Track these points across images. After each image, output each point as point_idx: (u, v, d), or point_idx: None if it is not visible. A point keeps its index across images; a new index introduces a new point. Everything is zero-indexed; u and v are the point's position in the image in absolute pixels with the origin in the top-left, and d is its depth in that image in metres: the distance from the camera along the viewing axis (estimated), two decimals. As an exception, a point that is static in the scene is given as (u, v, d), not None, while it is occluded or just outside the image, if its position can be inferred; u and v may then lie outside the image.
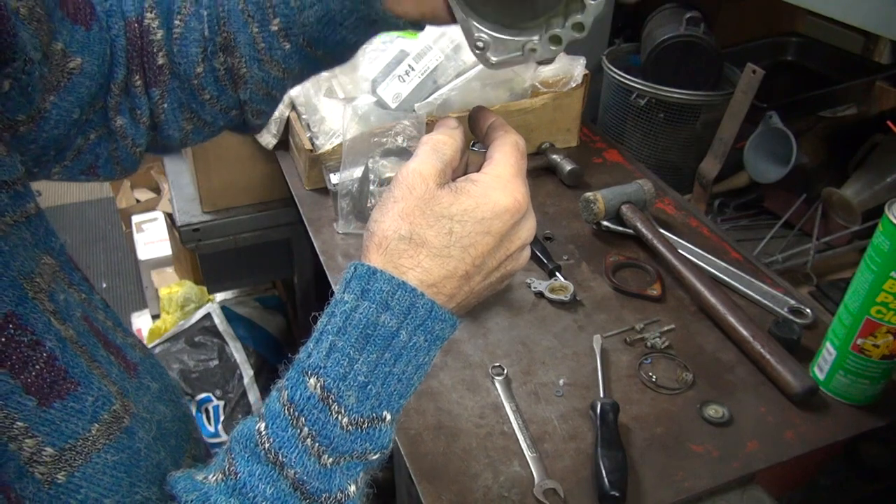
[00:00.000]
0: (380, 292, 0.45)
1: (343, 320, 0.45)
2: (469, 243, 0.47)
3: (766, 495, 0.77)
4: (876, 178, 1.25)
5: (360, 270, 0.46)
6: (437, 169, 0.49)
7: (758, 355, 0.88)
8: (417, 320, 0.46)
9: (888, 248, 0.74)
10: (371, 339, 0.44)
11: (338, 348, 0.44)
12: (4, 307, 0.39)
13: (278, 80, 0.60)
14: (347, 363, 0.44)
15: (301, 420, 0.43)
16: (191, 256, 2.04)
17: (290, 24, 0.56)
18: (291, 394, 0.44)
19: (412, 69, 1.27)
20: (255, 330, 1.88)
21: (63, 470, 0.40)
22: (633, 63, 1.54)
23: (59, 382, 0.41)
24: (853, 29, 1.29)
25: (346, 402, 0.43)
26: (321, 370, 0.44)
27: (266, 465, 0.43)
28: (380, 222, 0.48)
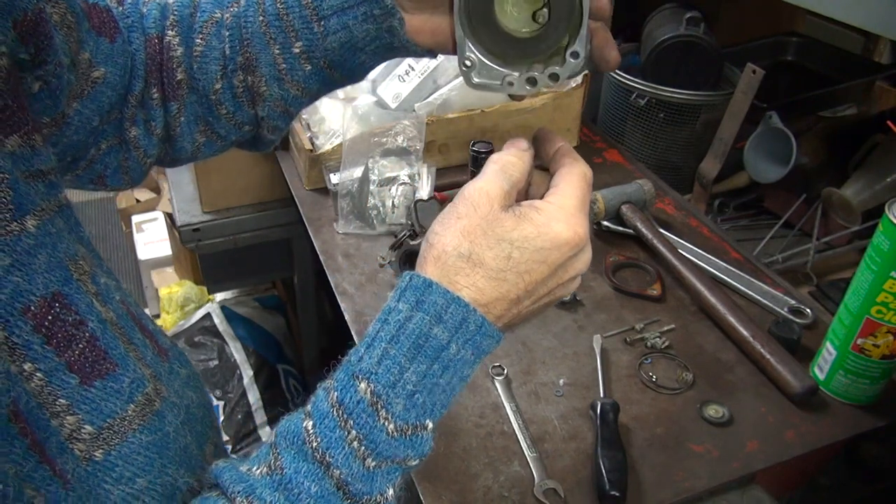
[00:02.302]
0: (434, 305, 0.46)
1: (396, 329, 0.46)
2: (525, 270, 0.48)
3: (766, 495, 0.77)
4: (876, 178, 1.25)
5: (416, 281, 0.47)
6: (503, 190, 0.49)
7: (758, 355, 0.88)
8: (467, 335, 0.47)
9: (888, 248, 0.74)
10: (422, 350, 0.46)
11: (390, 356, 0.45)
12: (52, 286, 0.41)
13: (296, 99, 0.62)
14: (398, 371, 0.45)
15: (349, 423, 0.44)
16: (191, 256, 2.04)
17: (312, 48, 0.58)
18: (341, 396, 0.45)
19: (412, 69, 1.27)
20: (254, 330, 1.88)
21: (101, 448, 0.41)
22: (633, 63, 1.54)
23: (100, 362, 0.42)
24: (853, 29, 1.29)
25: (394, 408, 0.44)
26: (372, 376, 0.45)
27: (312, 464, 0.43)
28: (441, 236, 0.49)
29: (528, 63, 0.53)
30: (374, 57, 0.60)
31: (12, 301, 0.39)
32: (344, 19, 0.57)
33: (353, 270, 1.07)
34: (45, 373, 0.39)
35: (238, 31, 0.59)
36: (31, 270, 0.40)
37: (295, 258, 1.64)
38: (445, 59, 1.27)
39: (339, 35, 0.57)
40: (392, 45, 0.58)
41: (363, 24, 0.57)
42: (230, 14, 0.60)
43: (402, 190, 1.15)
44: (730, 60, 1.44)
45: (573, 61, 0.51)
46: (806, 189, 1.33)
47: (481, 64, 0.53)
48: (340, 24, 0.57)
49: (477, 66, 0.53)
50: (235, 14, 0.60)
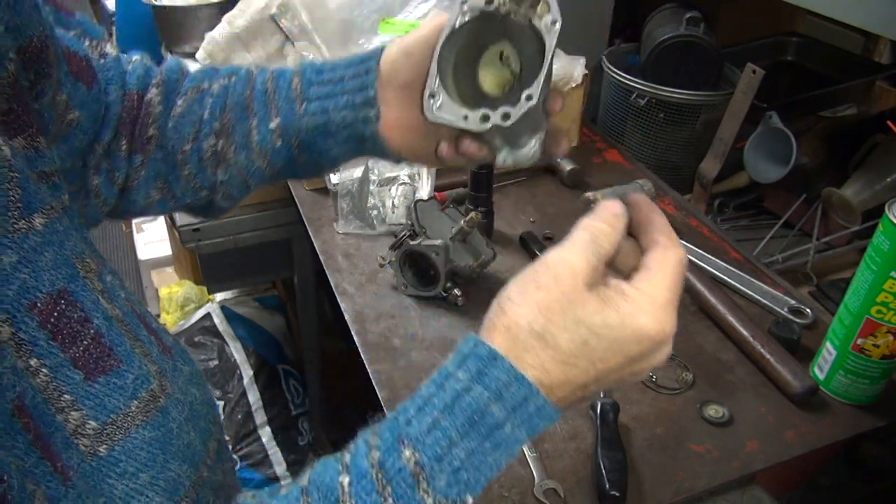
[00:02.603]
0: (496, 381, 0.44)
1: (452, 399, 0.44)
2: (599, 358, 0.45)
3: (766, 495, 0.77)
4: (876, 178, 1.25)
5: (481, 350, 0.45)
6: (590, 265, 0.45)
7: (758, 355, 0.88)
8: (525, 416, 0.44)
9: (888, 248, 0.74)
10: (476, 426, 0.44)
11: (441, 427, 0.44)
12: (58, 283, 0.41)
13: (259, 171, 0.65)
14: (447, 445, 0.43)
15: (388, 490, 0.43)
16: (191, 256, 2.04)
17: (288, 126, 0.62)
18: (383, 458, 0.43)
19: (412, 69, 1.27)
20: (254, 330, 1.88)
21: (104, 443, 0.41)
22: (633, 63, 1.54)
23: (104, 359, 0.43)
24: (853, 29, 1.29)
25: (436, 483, 0.43)
26: (419, 444, 0.43)
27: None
28: (516, 305, 0.46)
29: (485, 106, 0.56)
30: (343, 146, 0.63)
31: (19, 297, 0.39)
32: (326, 104, 0.61)
33: (353, 270, 1.07)
34: (50, 368, 0.40)
35: (222, 100, 0.63)
36: (37, 267, 0.41)
37: (295, 258, 1.64)
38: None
39: (317, 118, 0.61)
40: (364, 136, 0.62)
41: (342, 110, 0.61)
42: (219, 85, 0.64)
43: (402, 190, 1.15)
44: (730, 60, 1.44)
45: (526, 103, 0.53)
46: (806, 189, 1.33)
47: (445, 98, 0.56)
48: (321, 108, 0.61)
49: (440, 98, 0.56)
50: (224, 85, 0.64)
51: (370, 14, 1.33)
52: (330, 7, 1.33)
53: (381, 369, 0.90)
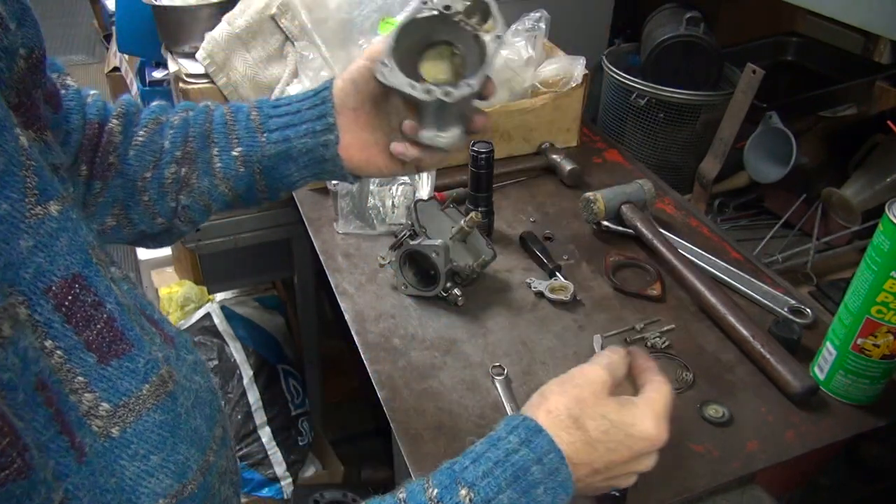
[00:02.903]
0: (539, 447, 0.54)
1: (504, 455, 0.53)
2: (613, 447, 0.56)
3: (766, 495, 0.77)
4: (876, 178, 1.25)
5: (530, 423, 0.55)
6: (612, 379, 0.60)
7: (758, 355, 0.88)
8: (555, 483, 0.54)
9: (888, 248, 0.74)
10: (519, 480, 0.52)
11: (494, 475, 0.52)
12: (73, 268, 0.43)
13: (222, 196, 0.71)
14: (497, 490, 0.51)
15: None
16: (191, 256, 2.04)
17: (251, 154, 0.68)
18: (441, 494, 0.51)
19: (412, 69, 1.27)
20: (254, 330, 1.88)
21: (117, 425, 0.43)
22: (633, 63, 1.54)
23: (117, 342, 0.44)
24: (853, 29, 1.29)
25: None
26: (474, 486, 0.51)
27: None
28: (557, 395, 0.57)
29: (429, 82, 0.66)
30: (304, 170, 0.71)
31: (35, 280, 0.40)
32: (287, 133, 0.69)
33: (353, 270, 1.07)
34: (64, 350, 0.41)
35: (183, 130, 0.69)
36: (53, 252, 0.42)
37: (295, 258, 1.64)
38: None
39: (279, 145, 0.69)
40: (324, 158, 0.70)
41: (303, 137, 0.69)
42: (179, 118, 0.70)
43: (402, 190, 1.16)
44: (730, 60, 1.44)
45: (467, 88, 0.64)
46: (806, 189, 1.33)
47: (396, 71, 0.65)
48: (282, 137, 0.69)
49: (392, 70, 0.65)
50: (184, 118, 0.70)
51: (370, 14, 1.33)
52: (330, 7, 1.33)
53: (381, 369, 0.90)
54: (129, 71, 2.02)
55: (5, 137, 0.40)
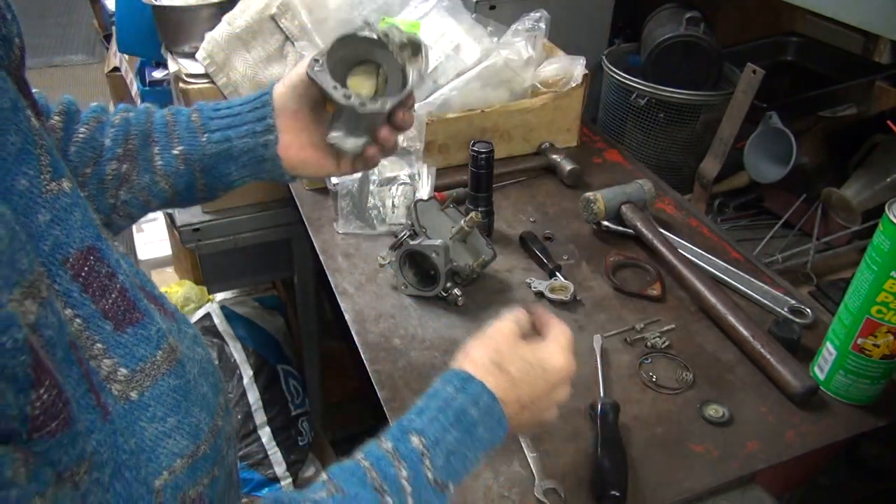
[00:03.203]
0: (473, 392, 0.60)
1: (444, 403, 0.59)
2: (533, 383, 0.63)
3: (766, 495, 0.78)
4: (876, 178, 1.25)
5: (461, 374, 0.61)
6: (519, 328, 0.67)
7: (758, 355, 0.88)
8: (491, 421, 0.60)
9: (888, 248, 0.74)
10: (461, 421, 0.58)
11: (438, 420, 0.57)
12: (87, 241, 0.45)
13: (162, 192, 0.73)
14: (443, 431, 0.57)
15: (403, 464, 0.54)
16: (191, 256, 2.04)
17: (192, 153, 0.72)
18: (395, 445, 0.55)
19: (412, 69, 1.27)
20: (254, 330, 1.88)
21: (135, 389, 0.45)
22: (633, 63, 1.54)
23: (130, 311, 0.46)
24: (853, 29, 1.29)
25: (436, 461, 0.56)
26: (423, 433, 0.56)
27: (372, 491, 0.52)
28: (477, 349, 0.64)
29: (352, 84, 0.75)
30: (243, 169, 0.75)
31: (53, 252, 0.43)
32: (228, 133, 0.73)
33: (353, 270, 1.07)
34: (83, 319, 0.43)
35: (124, 129, 0.71)
36: (68, 225, 0.44)
37: (295, 258, 1.64)
38: (446, 59, 1.27)
39: (220, 145, 0.73)
40: (263, 158, 0.75)
41: (243, 137, 0.73)
42: (119, 117, 0.72)
43: (402, 190, 1.16)
44: (730, 60, 1.44)
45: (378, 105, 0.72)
46: (806, 189, 1.33)
47: (324, 71, 0.71)
48: (223, 137, 0.73)
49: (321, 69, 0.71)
50: (125, 117, 0.72)
51: (370, 14, 1.33)
52: (330, 7, 1.33)
53: (381, 369, 0.90)
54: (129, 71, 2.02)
55: (19, 117, 0.42)
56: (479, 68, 1.26)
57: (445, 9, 1.30)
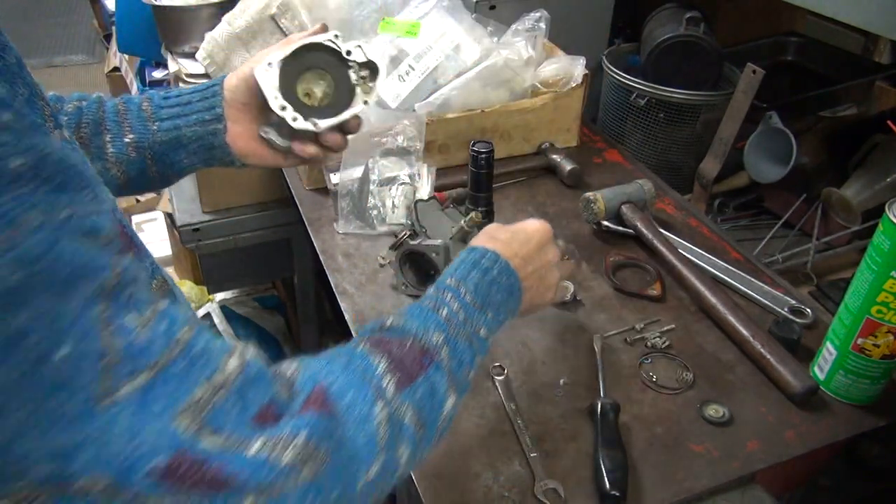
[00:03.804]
0: (485, 254, 0.69)
1: (461, 260, 0.68)
2: (523, 241, 0.73)
3: (766, 495, 0.78)
4: (876, 178, 1.25)
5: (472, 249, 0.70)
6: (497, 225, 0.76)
7: (758, 355, 0.88)
8: (505, 278, 0.69)
9: (888, 248, 0.74)
10: (477, 265, 0.67)
11: (459, 268, 0.67)
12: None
13: (114, 179, 0.76)
14: (465, 273, 0.66)
15: (446, 294, 0.64)
16: (191, 256, 2.04)
17: (142, 140, 0.75)
18: (436, 296, 0.64)
19: (412, 69, 1.27)
20: (254, 330, 1.88)
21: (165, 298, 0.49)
22: (633, 63, 1.54)
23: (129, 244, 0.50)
24: (853, 29, 1.29)
25: (469, 289, 0.65)
26: (453, 275, 0.66)
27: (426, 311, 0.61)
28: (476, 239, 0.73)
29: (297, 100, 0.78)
30: (193, 156, 0.78)
31: None
32: (177, 122, 0.76)
33: (353, 270, 1.07)
34: None
35: (77, 118, 0.74)
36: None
37: (295, 258, 1.64)
38: (446, 59, 1.27)
39: (170, 133, 0.75)
40: (213, 146, 0.77)
41: (193, 126, 0.76)
42: (73, 106, 0.75)
43: (402, 190, 1.16)
44: (730, 60, 1.44)
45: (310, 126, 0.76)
46: (806, 189, 1.33)
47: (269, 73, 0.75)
48: (173, 125, 0.76)
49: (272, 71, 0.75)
50: (78, 106, 0.75)
51: (370, 14, 1.33)
52: (330, 7, 1.33)
53: (382, 369, 0.89)
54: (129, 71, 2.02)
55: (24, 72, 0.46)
56: (479, 68, 1.26)
57: (445, 9, 1.30)
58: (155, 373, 0.41)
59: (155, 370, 0.41)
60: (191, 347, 0.43)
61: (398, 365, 0.55)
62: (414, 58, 1.26)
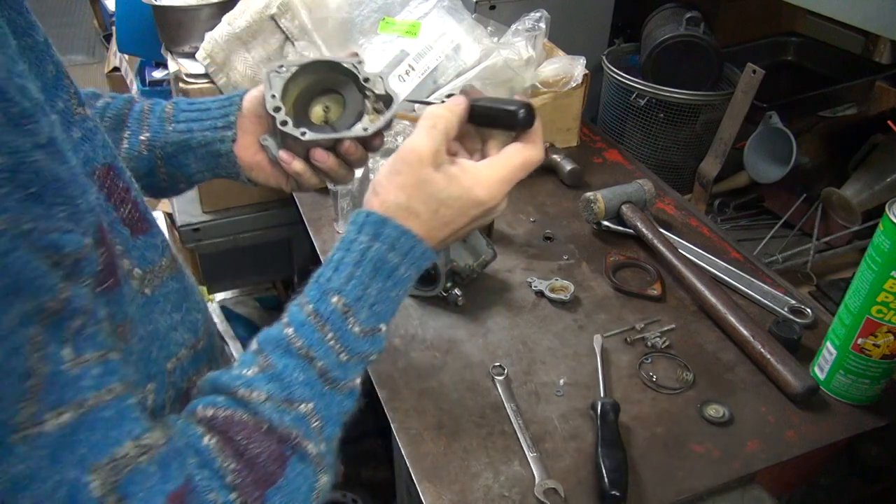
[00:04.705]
0: (389, 237, 0.59)
1: (359, 255, 0.58)
2: (449, 220, 0.61)
3: (766, 495, 0.78)
4: (876, 178, 1.25)
5: (373, 217, 0.59)
6: (432, 150, 0.60)
7: (758, 355, 0.88)
8: (413, 258, 0.60)
9: (888, 248, 0.74)
10: (380, 271, 0.58)
11: (356, 276, 0.57)
12: (108, 159, 0.52)
13: None
14: (363, 288, 0.57)
15: (326, 327, 0.55)
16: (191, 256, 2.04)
17: (155, 139, 0.75)
18: (316, 307, 0.56)
19: (412, 69, 1.27)
20: (254, 330, 1.87)
21: (147, 286, 0.53)
22: (633, 63, 1.54)
23: (142, 222, 0.54)
24: (853, 29, 1.29)
25: (360, 316, 0.57)
26: (342, 291, 0.57)
27: (298, 359, 0.54)
28: (384, 187, 0.61)
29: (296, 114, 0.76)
30: (200, 162, 0.77)
31: (85, 164, 0.49)
32: (191, 125, 0.76)
33: (354, 270, 1.07)
34: (108, 223, 0.48)
35: (101, 112, 0.75)
36: (94, 143, 0.51)
37: (295, 258, 1.63)
38: (446, 59, 1.27)
39: (182, 134, 0.76)
40: (219, 153, 0.76)
41: (205, 130, 0.76)
42: (103, 102, 0.77)
43: (402, 190, 1.15)
44: (730, 60, 1.44)
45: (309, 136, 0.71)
46: (806, 189, 1.33)
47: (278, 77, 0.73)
48: (186, 127, 0.76)
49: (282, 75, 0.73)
50: (106, 102, 0.77)
51: (370, 14, 1.33)
52: (330, 7, 1.33)
53: (381, 369, 0.90)
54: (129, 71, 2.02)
55: (51, 51, 0.49)
56: (479, 68, 1.26)
57: (445, 9, 1.30)
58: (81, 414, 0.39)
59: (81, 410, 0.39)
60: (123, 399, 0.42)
61: (249, 469, 0.48)
62: (414, 58, 1.26)
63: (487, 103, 0.66)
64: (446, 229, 0.62)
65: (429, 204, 0.60)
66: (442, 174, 0.61)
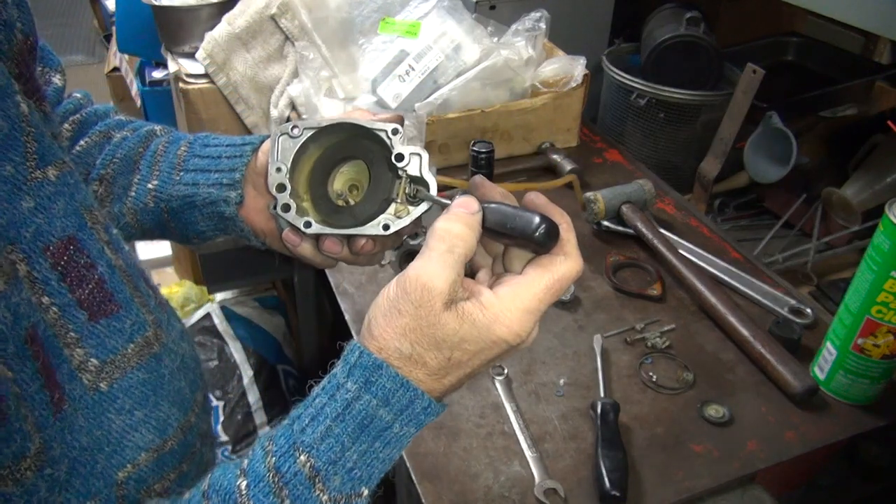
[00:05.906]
0: (383, 388, 0.46)
1: (343, 407, 0.46)
2: (465, 361, 0.48)
3: (766, 495, 0.77)
4: (876, 178, 1.25)
5: (366, 361, 0.47)
6: (447, 285, 0.47)
7: (758, 355, 0.88)
8: (411, 415, 0.48)
9: (888, 248, 0.74)
10: (366, 430, 0.46)
11: (334, 434, 0.46)
12: (69, 230, 0.46)
13: (127, 226, 0.68)
14: (340, 450, 0.46)
15: (284, 492, 0.44)
16: (191, 256, 2.04)
17: (162, 190, 0.66)
18: (279, 463, 0.45)
19: (412, 69, 1.27)
20: (254, 330, 1.87)
21: (104, 380, 0.46)
22: (633, 63, 1.54)
23: (106, 303, 0.47)
24: (853, 29, 1.29)
25: (331, 483, 0.45)
26: (313, 450, 0.45)
27: None
28: (383, 329, 0.48)
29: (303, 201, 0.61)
30: (208, 221, 0.66)
31: (35, 239, 0.43)
32: (198, 177, 0.65)
33: (353, 270, 1.07)
34: (59, 307, 0.44)
35: (113, 151, 0.67)
36: (51, 214, 0.45)
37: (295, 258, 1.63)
38: (446, 59, 1.27)
39: (188, 188, 0.65)
40: (224, 215, 0.65)
41: (210, 187, 0.64)
42: (120, 136, 0.68)
43: (402, 190, 1.15)
44: (730, 60, 1.44)
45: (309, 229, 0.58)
46: (806, 189, 1.33)
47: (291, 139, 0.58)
48: (193, 180, 0.65)
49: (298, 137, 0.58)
50: (123, 137, 0.68)
51: (370, 14, 1.33)
52: (330, 7, 1.33)
53: (382, 369, 0.90)
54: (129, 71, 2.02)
55: (7, 104, 0.42)
56: (479, 68, 1.26)
57: (445, 9, 1.30)
58: None
59: None
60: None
61: None
62: (414, 58, 1.26)
63: (498, 216, 0.50)
64: (459, 371, 0.49)
65: (440, 350, 0.47)
66: (454, 313, 0.47)
